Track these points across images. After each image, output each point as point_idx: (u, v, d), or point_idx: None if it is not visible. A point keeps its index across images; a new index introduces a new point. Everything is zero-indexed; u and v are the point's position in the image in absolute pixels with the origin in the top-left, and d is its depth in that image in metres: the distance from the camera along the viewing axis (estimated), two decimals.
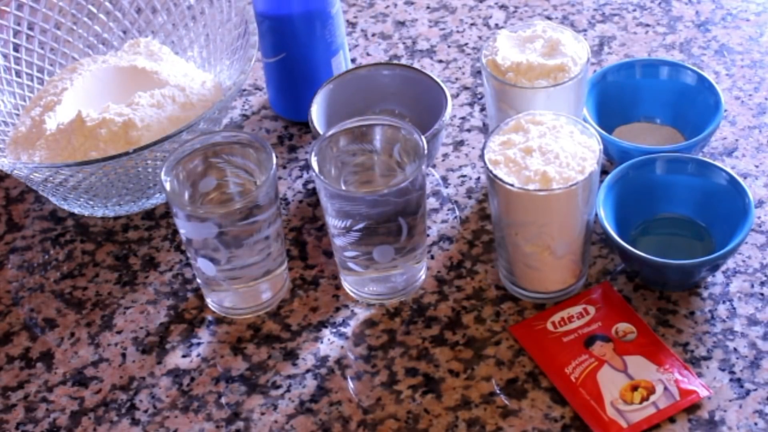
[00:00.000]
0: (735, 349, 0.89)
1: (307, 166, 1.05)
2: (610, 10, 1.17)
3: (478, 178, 1.03)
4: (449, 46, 1.15)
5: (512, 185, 0.85)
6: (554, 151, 0.86)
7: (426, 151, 0.88)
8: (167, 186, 0.88)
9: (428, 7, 1.20)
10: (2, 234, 1.03)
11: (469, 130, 1.07)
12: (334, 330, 0.93)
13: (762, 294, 0.92)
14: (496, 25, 1.17)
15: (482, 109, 1.09)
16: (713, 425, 0.85)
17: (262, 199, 0.88)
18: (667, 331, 0.90)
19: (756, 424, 0.84)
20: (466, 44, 1.15)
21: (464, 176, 1.03)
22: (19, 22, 1.08)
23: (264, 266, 0.92)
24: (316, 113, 1.00)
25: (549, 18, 1.17)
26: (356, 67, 1.03)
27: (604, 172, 0.97)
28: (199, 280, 0.95)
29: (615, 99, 1.02)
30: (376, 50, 1.16)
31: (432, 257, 0.97)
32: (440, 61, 1.14)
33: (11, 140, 1.03)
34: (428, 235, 0.98)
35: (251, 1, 1.04)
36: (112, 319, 0.96)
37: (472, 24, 1.17)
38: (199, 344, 0.93)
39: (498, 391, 0.88)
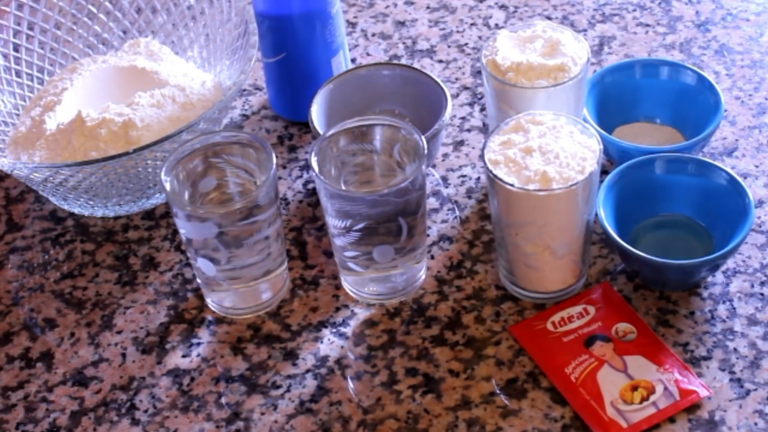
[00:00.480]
0: (735, 349, 0.89)
1: (307, 166, 1.05)
2: (610, 10, 1.17)
3: (478, 178, 1.03)
4: (449, 46, 1.15)
5: (512, 185, 0.85)
6: (554, 151, 0.86)
7: (426, 151, 0.88)
8: (167, 186, 0.88)
9: (428, 7, 1.20)
10: (2, 234, 1.03)
11: (469, 130, 1.07)
12: (334, 330, 0.93)
13: (762, 294, 0.92)
14: (496, 25, 1.17)
15: (482, 109, 1.09)
16: (713, 425, 0.85)
17: (262, 199, 0.88)
18: (667, 331, 0.90)
19: (756, 424, 0.84)
20: (466, 44, 1.15)
21: (464, 176, 1.03)
22: (19, 22, 1.08)
23: (264, 266, 0.92)
24: (316, 113, 1.00)
25: (549, 18, 1.17)
26: (356, 67, 1.03)
27: (604, 172, 0.97)
28: (199, 280, 0.95)
29: (615, 99, 1.02)
30: (376, 50, 1.16)
31: (432, 257, 0.97)
32: (440, 61, 1.14)
33: (11, 140, 1.03)
34: (428, 235, 0.98)
35: (251, 1, 1.04)
36: (112, 319, 0.96)
37: (472, 24, 1.17)
38: (199, 344, 0.93)
39: (498, 391, 0.88)
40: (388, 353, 0.91)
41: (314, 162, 0.88)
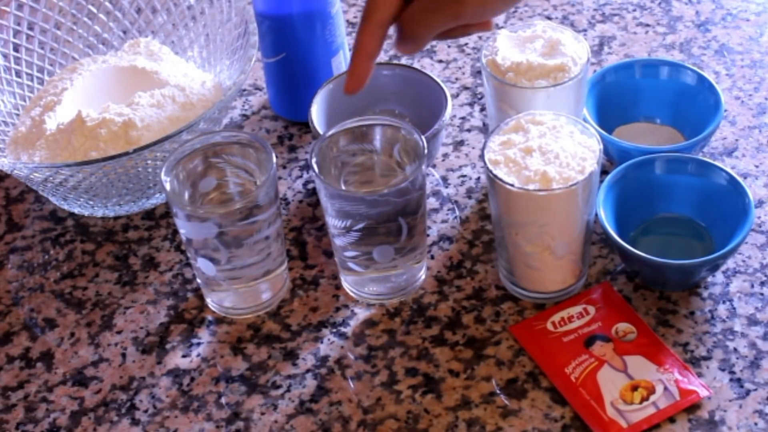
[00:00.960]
0: (735, 349, 0.89)
1: (307, 166, 1.05)
2: (610, 10, 1.17)
3: (478, 178, 1.03)
4: (449, 46, 1.15)
5: (512, 185, 0.85)
6: (554, 151, 0.86)
7: (426, 151, 0.88)
8: (167, 186, 0.88)
9: None
10: (2, 234, 1.03)
11: (469, 130, 1.07)
12: (334, 330, 0.93)
13: (762, 294, 0.92)
14: (496, 25, 1.17)
15: (482, 109, 1.09)
16: (713, 425, 0.85)
17: (262, 199, 0.88)
18: (667, 331, 0.90)
19: (756, 424, 0.84)
20: (466, 44, 1.15)
21: (464, 176, 1.03)
22: (19, 22, 1.08)
23: (264, 266, 0.92)
24: (316, 113, 0.99)
25: (549, 18, 1.17)
26: None
27: (604, 172, 0.97)
28: (199, 280, 0.95)
29: (615, 99, 1.02)
30: None
31: (432, 257, 0.97)
32: (440, 61, 1.14)
33: (11, 140, 1.03)
34: (428, 235, 0.98)
35: (251, 1, 1.04)
36: (112, 319, 0.96)
37: None
38: (199, 344, 0.93)
39: (498, 391, 0.88)
40: (388, 353, 0.91)
41: (314, 162, 0.88)
